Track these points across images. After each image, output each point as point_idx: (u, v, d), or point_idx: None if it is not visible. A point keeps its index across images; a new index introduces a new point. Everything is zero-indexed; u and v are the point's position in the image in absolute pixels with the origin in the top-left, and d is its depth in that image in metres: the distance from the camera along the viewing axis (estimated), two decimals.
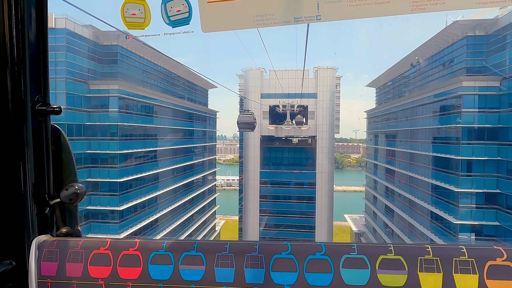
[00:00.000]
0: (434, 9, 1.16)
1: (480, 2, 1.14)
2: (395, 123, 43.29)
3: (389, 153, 44.60)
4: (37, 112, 1.27)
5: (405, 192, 38.78)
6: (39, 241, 1.29)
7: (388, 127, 45.92)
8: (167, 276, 1.19)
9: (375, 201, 50.91)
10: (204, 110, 55.05)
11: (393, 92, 46.88)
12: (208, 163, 56.76)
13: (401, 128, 40.79)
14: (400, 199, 40.90)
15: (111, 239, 1.29)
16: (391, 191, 43.76)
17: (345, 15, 1.23)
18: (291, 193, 52.11)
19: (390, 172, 43.89)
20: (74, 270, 1.24)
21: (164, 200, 42.02)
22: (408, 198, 37.83)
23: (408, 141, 38.55)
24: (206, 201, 55.02)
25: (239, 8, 1.29)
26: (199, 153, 52.36)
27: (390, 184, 43.63)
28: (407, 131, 39.05)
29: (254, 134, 52.42)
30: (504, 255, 1.10)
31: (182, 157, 45.86)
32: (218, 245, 1.22)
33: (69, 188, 1.35)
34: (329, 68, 50.49)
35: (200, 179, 52.85)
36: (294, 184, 52.31)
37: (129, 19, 1.39)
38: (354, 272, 1.13)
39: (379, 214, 48.35)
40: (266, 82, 52.16)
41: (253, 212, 52.06)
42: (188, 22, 1.37)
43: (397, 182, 41.81)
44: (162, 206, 41.33)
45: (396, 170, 41.82)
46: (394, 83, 46.37)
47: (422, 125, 35.00)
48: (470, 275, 1.09)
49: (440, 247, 1.16)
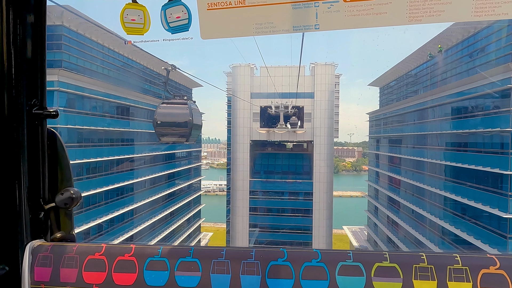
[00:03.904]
0: (431, 20, 1.20)
1: (475, 15, 1.18)
2: (404, 126, 37.65)
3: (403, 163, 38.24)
4: (33, 116, 1.28)
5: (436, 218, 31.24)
6: (33, 246, 1.29)
7: (398, 131, 40.20)
8: (162, 282, 1.19)
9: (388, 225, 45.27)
10: None
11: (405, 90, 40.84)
12: (191, 172, 50.65)
13: (415, 133, 34.84)
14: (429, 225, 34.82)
15: (107, 244, 1.29)
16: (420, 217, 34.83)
17: (343, 24, 1.25)
18: (285, 205, 46.30)
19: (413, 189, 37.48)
20: (69, 275, 1.23)
21: (137, 217, 36.08)
22: (441, 226, 30.49)
23: (428, 148, 32.31)
24: (189, 214, 48.91)
25: (239, 16, 1.30)
26: (179, 161, 46.27)
27: (415, 207, 35.46)
28: (423, 136, 33.17)
29: (243, 139, 46.73)
30: (497, 264, 1.12)
31: (157, 165, 39.81)
32: (214, 251, 1.23)
33: (64, 193, 1.35)
34: (327, 64, 44.91)
35: (181, 189, 46.72)
36: (288, 195, 46.54)
37: (129, 25, 1.40)
38: (349, 280, 1.15)
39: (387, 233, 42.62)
40: (257, 80, 46.55)
41: (241, 227, 46.15)
42: (188, 28, 1.38)
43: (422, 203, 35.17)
44: (134, 223, 35.45)
45: (417, 185, 35.23)
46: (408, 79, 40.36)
47: (445, 129, 28.90)
48: (464, 283, 1.11)
49: (434, 255, 1.17)
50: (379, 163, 47.56)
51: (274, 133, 47.15)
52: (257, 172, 47.95)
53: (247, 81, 46.17)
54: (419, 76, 36.50)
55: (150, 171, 38.69)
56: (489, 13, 1.17)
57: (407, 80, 40.41)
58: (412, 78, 38.81)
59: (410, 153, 36.77)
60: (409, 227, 36.70)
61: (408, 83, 40.15)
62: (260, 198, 46.78)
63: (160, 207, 40.83)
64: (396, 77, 42.90)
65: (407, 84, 40.34)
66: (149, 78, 41.64)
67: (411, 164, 36.42)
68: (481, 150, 24.68)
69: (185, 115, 5.40)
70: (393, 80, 44.80)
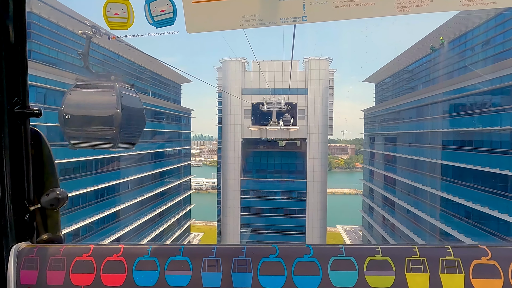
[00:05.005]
0: (419, 10, 1.19)
1: (463, 4, 1.18)
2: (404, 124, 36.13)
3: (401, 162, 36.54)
4: (15, 115, 1.25)
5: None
6: (18, 249, 1.26)
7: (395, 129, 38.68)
8: (152, 282, 1.18)
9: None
10: (174, 108, 46.83)
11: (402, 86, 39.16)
12: (179, 170, 48.57)
13: (417, 130, 33.21)
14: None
15: (95, 245, 1.27)
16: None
17: (331, 16, 1.24)
18: (278, 205, 44.62)
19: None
20: (56, 278, 1.21)
21: (121, 219, 34.07)
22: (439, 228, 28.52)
23: (428, 147, 30.53)
24: (177, 215, 46.97)
25: (225, 9, 1.28)
26: (167, 159, 44.15)
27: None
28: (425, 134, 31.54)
29: (234, 136, 44.84)
30: (489, 254, 1.13)
31: (143, 165, 37.74)
32: (205, 250, 1.22)
33: (50, 193, 1.32)
34: (321, 59, 43.18)
35: (170, 189, 44.67)
36: (281, 194, 44.86)
37: (112, 19, 1.36)
38: (342, 274, 1.14)
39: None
40: (249, 75, 44.58)
41: (232, 228, 44.42)
42: (173, 22, 1.36)
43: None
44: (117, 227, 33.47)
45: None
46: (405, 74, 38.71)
47: (450, 127, 27.07)
48: (456, 274, 1.11)
49: (426, 247, 1.17)
50: (374, 161, 46.16)
51: (266, 131, 45.31)
52: (248, 171, 46.11)
53: (238, 76, 44.14)
54: (419, 70, 34.83)
55: (136, 171, 36.63)
56: (477, 2, 1.16)
57: (404, 75, 38.85)
58: (409, 74, 37.20)
59: (408, 152, 35.34)
60: (405, 228, 35.41)
61: (405, 79, 38.61)
62: (252, 198, 44.98)
63: (147, 209, 38.85)
64: (393, 73, 41.34)
65: (403, 80, 38.81)
66: (135, 73, 39.47)
67: (409, 163, 35.02)
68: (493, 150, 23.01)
69: (110, 105, 2.74)
70: (388, 76, 43.31)
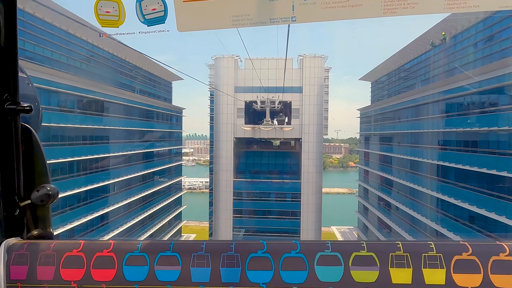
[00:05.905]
0: (405, 12, 1.22)
1: (447, 7, 1.21)
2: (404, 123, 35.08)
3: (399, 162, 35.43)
4: (6, 111, 1.24)
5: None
6: (8, 244, 1.27)
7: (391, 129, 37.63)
8: (142, 277, 1.19)
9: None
10: (165, 106, 45.24)
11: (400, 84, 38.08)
12: (170, 171, 47.04)
13: (419, 130, 32.06)
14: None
15: (85, 240, 1.28)
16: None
17: (320, 17, 1.26)
18: (272, 207, 43.34)
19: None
20: (46, 273, 1.22)
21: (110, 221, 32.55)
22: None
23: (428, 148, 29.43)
24: (168, 217, 45.49)
25: (215, 8, 1.30)
26: (157, 160, 42.58)
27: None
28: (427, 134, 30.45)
29: (226, 136, 43.44)
30: (470, 250, 1.15)
31: (132, 165, 36.19)
32: (194, 245, 1.23)
33: (40, 189, 1.32)
34: (317, 56, 41.95)
35: (159, 191, 43.15)
36: (275, 196, 43.61)
37: (103, 17, 1.36)
38: (328, 269, 1.17)
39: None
40: (242, 73, 43.15)
41: (225, 230, 43.04)
42: (164, 21, 1.37)
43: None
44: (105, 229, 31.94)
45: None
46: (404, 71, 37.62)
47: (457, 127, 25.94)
48: (438, 269, 1.14)
49: (410, 243, 1.20)
50: (369, 161, 45.18)
51: (259, 130, 43.97)
52: (241, 172, 44.73)
53: (230, 74, 42.63)
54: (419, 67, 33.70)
55: (124, 172, 35.08)
56: (461, 6, 1.19)
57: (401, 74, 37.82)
58: (407, 72, 36.16)
59: (405, 153, 34.33)
60: (401, 230, 34.50)
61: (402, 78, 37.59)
62: (245, 199, 43.66)
63: (136, 211, 37.36)
64: (390, 71, 40.28)
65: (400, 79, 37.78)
66: (125, 71, 37.84)
67: (407, 164, 34.03)
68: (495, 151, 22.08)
69: None
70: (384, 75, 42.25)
